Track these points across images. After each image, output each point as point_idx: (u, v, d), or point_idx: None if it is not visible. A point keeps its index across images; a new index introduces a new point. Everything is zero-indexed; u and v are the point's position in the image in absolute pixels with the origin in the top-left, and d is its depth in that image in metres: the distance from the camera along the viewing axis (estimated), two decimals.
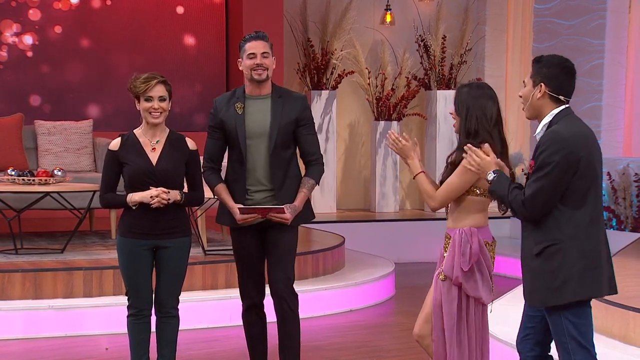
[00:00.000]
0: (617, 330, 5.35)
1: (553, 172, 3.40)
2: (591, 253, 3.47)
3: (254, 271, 4.58)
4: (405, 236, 9.85)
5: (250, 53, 4.48)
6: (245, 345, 4.75)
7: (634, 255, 7.88)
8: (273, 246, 4.52)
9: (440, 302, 3.95)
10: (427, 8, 11.01)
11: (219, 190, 4.54)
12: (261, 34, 4.54)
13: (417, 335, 4.08)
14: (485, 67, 11.12)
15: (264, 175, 4.48)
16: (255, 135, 4.47)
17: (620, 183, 9.93)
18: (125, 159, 4.41)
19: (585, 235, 3.45)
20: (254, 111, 4.50)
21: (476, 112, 3.90)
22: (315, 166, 4.58)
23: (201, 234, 7.13)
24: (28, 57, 9.92)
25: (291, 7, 10.43)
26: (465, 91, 3.96)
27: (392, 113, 10.56)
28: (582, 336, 3.48)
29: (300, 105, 4.56)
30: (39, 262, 6.66)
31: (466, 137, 3.90)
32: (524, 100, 3.59)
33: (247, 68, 4.50)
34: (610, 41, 10.26)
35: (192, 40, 10.48)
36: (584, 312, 3.50)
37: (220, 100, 4.60)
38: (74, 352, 5.86)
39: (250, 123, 4.48)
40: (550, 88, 3.53)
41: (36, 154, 8.68)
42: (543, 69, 3.55)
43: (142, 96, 4.37)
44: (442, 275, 3.95)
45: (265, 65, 4.47)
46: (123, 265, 4.47)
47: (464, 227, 3.93)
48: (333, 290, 7.12)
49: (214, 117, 4.55)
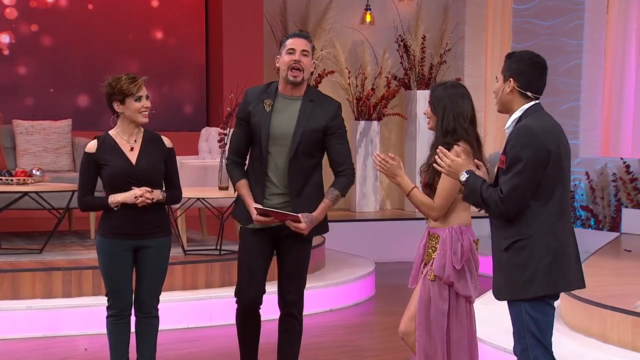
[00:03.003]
0: (596, 329, 5.39)
1: (526, 167, 3.42)
2: (559, 248, 3.48)
3: (257, 273, 4.44)
4: (386, 236, 9.87)
5: (290, 48, 4.27)
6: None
7: (612, 254, 7.94)
8: (287, 257, 4.41)
9: (427, 302, 3.94)
10: (407, 8, 11.03)
11: (239, 186, 4.38)
12: (305, 33, 4.39)
13: (403, 332, 4.07)
14: (464, 67, 11.16)
15: (281, 180, 4.32)
16: (279, 137, 4.29)
17: (598, 183, 10.00)
18: (103, 161, 4.38)
19: (552, 230, 3.47)
20: (282, 111, 4.31)
21: (453, 111, 3.93)
22: (343, 177, 4.38)
23: (181, 233, 7.11)
24: (5, 56, 9.85)
25: (271, 7, 10.42)
26: (441, 90, 3.99)
27: (372, 113, 10.58)
28: (541, 333, 3.49)
29: (333, 112, 4.35)
30: (17, 263, 6.62)
31: (443, 136, 3.92)
32: (496, 95, 3.62)
33: (285, 64, 4.27)
34: (589, 42, 10.34)
35: (170, 39, 10.44)
36: (546, 310, 3.51)
37: (253, 92, 4.39)
38: (52, 353, 5.83)
39: (276, 124, 4.30)
40: (519, 84, 3.54)
41: (14, 153, 8.62)
42: (513, 65, 3.56)
43: (131, 97, 4.35)
44: (432, 275, 3.94)
45: (303, 64, 4.26)
46: (103, 266, 4.45)
47: (452, 226, 3.94)
48: (313, 290, 7.11)
49: (243, 109, 4.35)
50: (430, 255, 4.00)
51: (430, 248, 4.01)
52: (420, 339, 3.96)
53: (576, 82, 10.38)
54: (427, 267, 3.99)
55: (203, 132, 9.07)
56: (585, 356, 5.14)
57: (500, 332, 5.28)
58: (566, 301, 5.78)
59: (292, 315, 4.46)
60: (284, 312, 4.47)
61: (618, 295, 5.76)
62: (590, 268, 6.99)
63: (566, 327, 5.71)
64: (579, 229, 10.02)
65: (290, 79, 4.28)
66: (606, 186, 9.92)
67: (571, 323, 5.69)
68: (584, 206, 10.17)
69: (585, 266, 6.99)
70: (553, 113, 3.67)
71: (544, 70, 3.58)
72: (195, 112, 10.68)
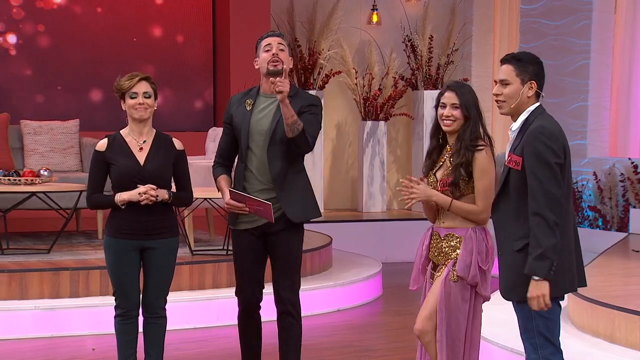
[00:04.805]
0: (603, 329, 5.38)
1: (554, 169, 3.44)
2: (567, 248, 3.50)
3: (252, 274, 4.49)
4: (393, 236, 9.86)
5: (267, 45, 4.39)
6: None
7: (620, 254, 7.92)
8: (278, 253, 4.44)
9: (449, 303, 3.91)
10: (414, 8, 11.03)
11: (219, 181, 4.47)
12: (278, 32, 4.52)
13: (420, 331, 4.01)
14: (472, 67, 11.15)
15: (264, 175, 4.36)
16: (259, 133, 4.38)
17: (606, 183, 9.97)
18: (112, 160, 4.40)
19: (562, 230, 3.48)
20: (262, 109, 4.41)
21: (479, 115, 3.98)
22: None
23: (188, 234, 7.12)
24: (12, 56, 9.88)
25: (278, 7, 10.42)
26: (470, 93, 4.00)
27: (380, 113, 10.57)
28: (550, 332, 3.51)
29: (309, 102, 4.40)
30: (25, 263, 6.64)
31: (475, 139, 3.94)
32: (508, 98, 3.60)
33: (264, 61, 4.38)
34: (596, 41, 10.31)
35: (179, 39, 10.46)
36: (554, 309, 3.53)
37: (235, 97, 4.55)
38: (60, 353, 5.84)
39: (256, 120, 4.40)
40: (538, 85, 3.59)
41: (22, 153, 8.64)
42: (529, 67, 3.59)
43: (127, 94, 4.37)
44: (455, 276, 3.92)
45: (282, 57, 4.36)
46: (110, 266, 4.46)
47: (474, 226, 3.94)
48: (320, 290, 7.12)
49: (227, 113, 4.50)
50: (448, 256, 3.97)
51: (448, 248, 3.98)
52: (441, 340, 3.93)
53: (584, 82, 10.35)
54: (446, 268, 3.96)
55: (210, 132, 9.08)
56: (592, 356, 5.13)
57: (507, 333, 5.27)
58: (574, 301, 5.77)
59: (288, 313, 4.46)
60: (280, 309, 4.48)
61: (626, 295, 5.75)
62: (598, 268, 6.98)
63: (573, 327, 5.70)
64: (586, 229, 10.00)
65: (271, 68, 4.35)
66: (614, 186, 9.89)
67: (578, 323, 5.68)
68: (592, 206, 10.14)
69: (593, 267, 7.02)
70: (561, 113, 3.71)
71: None
72: (203, 113, 10.70)
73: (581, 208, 10.18)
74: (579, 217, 10.13)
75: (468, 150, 3.92)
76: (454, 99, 3.98)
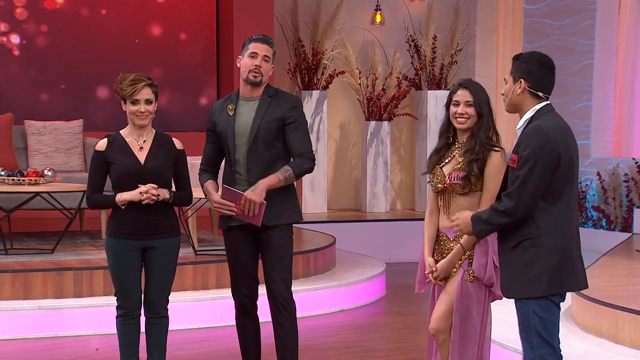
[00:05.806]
0: (607, 329, 5.37)
1: (537, 167, 3.44)
2: (565, 249, 3.50)
3: (246, 272, 4.54)
4: (396, 236, 9.86)
5: (253, 52, 4.45)
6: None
7: (624, 255, 7.91)
8: (267, 249, 4.48)
9: (465, 304, 3.90)
10: (417, 8, 11.02)
11: (206, 186, 4.53)
12: (269, 39, 4.54)
13: (435, 330, 4.00)
14: (475, 67, 11.14)
15: (245, 174, 4.43)
16: (242, 134, 4.45)
17: (610, 183, 9.97)
18: (112, 159, 4.40)
19: (560, 230, 3.49)
20: (244, 112, 4.47)
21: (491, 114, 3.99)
22: (299, 159, 4.42)
23: (192, 234, 7.12)
24: (15, 56, 9.89)
25: (282, 7, 10.42)
26: (481, 89, 4.01)
27: (383, 113, 10.57)
28: (547, 332, 3.51)
29: (291, 104, 4.48)
30: (29, 263, 6.64)
31: (490, 137, 3.94)
32: (505, 96, 3.63)
33: (245, 66, 4.45)
34: (600, 41, 10.31)
35: (182, 38, 10.47)
36: (552, 309, 3.52)
37: (216, 104, 4.62)
38: (63, 353, 5.84)
39: (239, 123, 4.47)
40: (530, 84, 3.56)
41: (26, 154, 8.65)
42: (523, 65, 3.59)
43: (128, 99, 4.36)
44: (471, 276, 3.91)
45: (263, 69, 4.43)
46: (112, 266, 4.46)
47: None
48: (324, 291, 7.12)
49: (209, 121, 4.56)
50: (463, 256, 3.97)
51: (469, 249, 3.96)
52: (455, 341, 3.92)
53: (588, 82, 10.35)
54: (461, 268, 3.94)
55: None
56: (596, 356, 5.13)
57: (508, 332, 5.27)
58: (577, 301, 5.77)
59: (281, 308, 4.46)
60: (273, 304, 4.49)
61: (630, 295, 5.75)
62: (602, 269, 6.97)
63: (577, 327, 5.70)
64: (590, 229, 9.99)
65: (251, 78, 4.43)
66: (618, 186, 9.88)
67: (582, 323, 5.68)
68: (596, 206, 10.13)
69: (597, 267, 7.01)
70: (564, 113, 3.69)
71: (552, 70, 3.61)
72: (206, 113, 10.66)
73: (585, 208, 10.17)
74: (582, 217, 10.12)
75: (484, 147, 3.92)
76: (468, 97, 3.97)
